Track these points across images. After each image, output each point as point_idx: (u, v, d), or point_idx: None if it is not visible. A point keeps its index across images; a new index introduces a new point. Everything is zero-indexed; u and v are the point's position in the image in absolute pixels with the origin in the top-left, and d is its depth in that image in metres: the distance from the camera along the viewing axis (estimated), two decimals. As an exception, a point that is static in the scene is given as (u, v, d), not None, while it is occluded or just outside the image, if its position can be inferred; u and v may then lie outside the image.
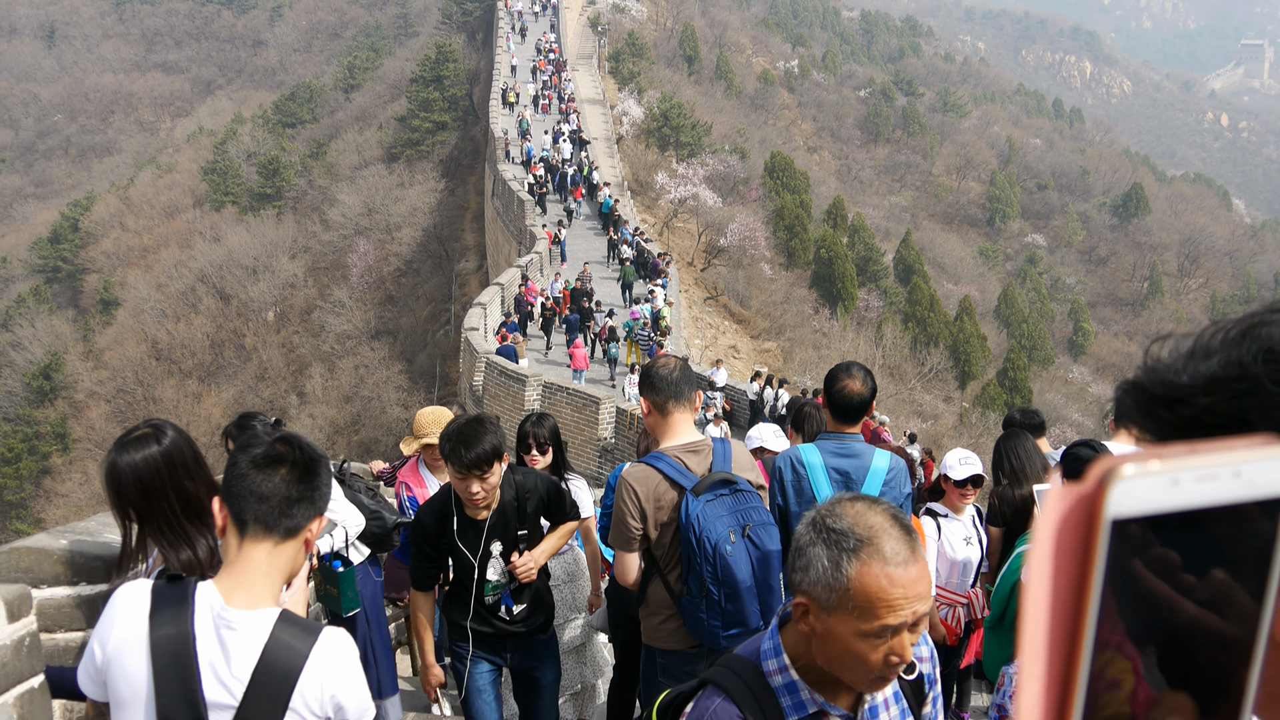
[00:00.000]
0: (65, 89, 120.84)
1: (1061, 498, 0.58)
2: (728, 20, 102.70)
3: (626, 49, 71.18)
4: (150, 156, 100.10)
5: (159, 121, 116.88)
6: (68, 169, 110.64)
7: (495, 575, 4.59)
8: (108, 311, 68.30)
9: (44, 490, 55.80)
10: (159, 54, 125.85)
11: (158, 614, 2.35)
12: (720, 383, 26.97)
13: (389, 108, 74.57)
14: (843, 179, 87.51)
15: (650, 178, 53.89)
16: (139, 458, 3.06)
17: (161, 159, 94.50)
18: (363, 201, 59.37)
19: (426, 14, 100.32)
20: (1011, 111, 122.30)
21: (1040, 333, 66.61)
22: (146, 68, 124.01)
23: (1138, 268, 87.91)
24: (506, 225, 42.95)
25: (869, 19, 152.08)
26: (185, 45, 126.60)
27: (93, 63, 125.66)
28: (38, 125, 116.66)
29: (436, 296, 52.72)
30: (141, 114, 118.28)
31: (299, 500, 2.38)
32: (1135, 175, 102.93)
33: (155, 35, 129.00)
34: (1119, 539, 0.57)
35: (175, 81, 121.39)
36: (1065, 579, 0.57)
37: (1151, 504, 0.57)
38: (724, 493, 4.00)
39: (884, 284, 62.48)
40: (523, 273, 33.28)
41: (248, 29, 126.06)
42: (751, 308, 47.75)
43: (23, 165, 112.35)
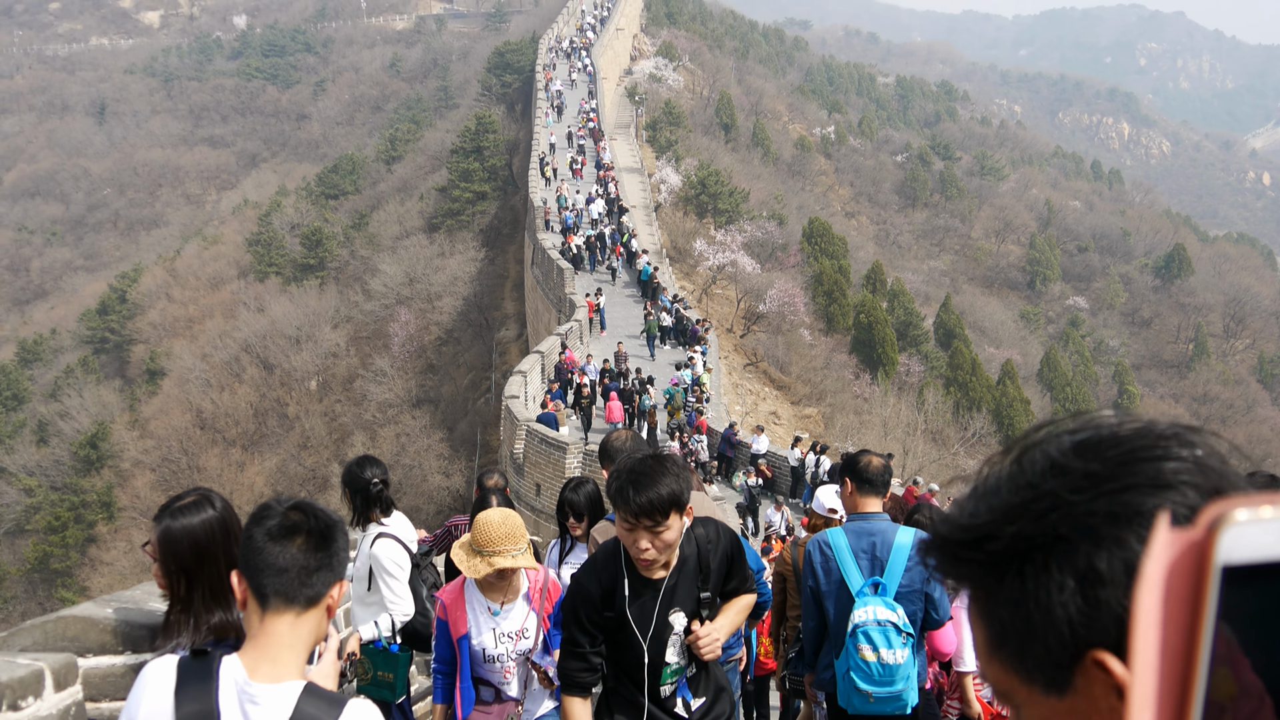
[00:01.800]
0: (115, 164, 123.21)
1: (1170, 544, 0.57)
2: (764, 88, 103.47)
3: (664, 117, 71.85)
4: (196, 229, 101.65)
5: (205, 194, 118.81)
6: (116, 242, 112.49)
7: (675, 657, 3.74)
8: (153, 381, 69.07)
9: (89, 559, 56.16)
10: (205, 129, 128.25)
11: (183, 690, 2.37)
12: (761, 449, 26.90)
13: (430, 178, 75.46)
14: (881, 244, 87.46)
15: (688, 245, 54.14)
16: (196, 522, 3.10)
17: (207, 231, 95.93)
18: (404, 271, 59.93)
19: (466, 87, 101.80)
20: (1050, 174, 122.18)
21: (1084, 396, 66.01)
22: (193, 142, 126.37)
23: (1182, 329, 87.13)
24: (546, 293, 43.24)
25: (904, 84, 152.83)
26: (231, 120, 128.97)
27: (141, 138, 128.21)
28: (88, 199, 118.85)
29: (477, 365, 53.02)
30: (188, 187, 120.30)
31: (318, 569, 2.37)
32: (1177, 236, 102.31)
33: (202, 110, 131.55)
34: (1230, 586, 0.55)
35: (221, 155, 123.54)
36: (1175, 628, 0.55)
37: (1264, 551, 0.55)
38: None
39: (925, 348, 62.17)
40: (562, 340, 33.44)
41: (292, 103, 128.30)
42: (792, 373, 47.68)
43: (73, 239, 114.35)
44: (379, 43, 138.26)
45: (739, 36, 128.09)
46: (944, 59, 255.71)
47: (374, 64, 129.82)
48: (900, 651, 4.77)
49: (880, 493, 5.14)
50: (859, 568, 4.91)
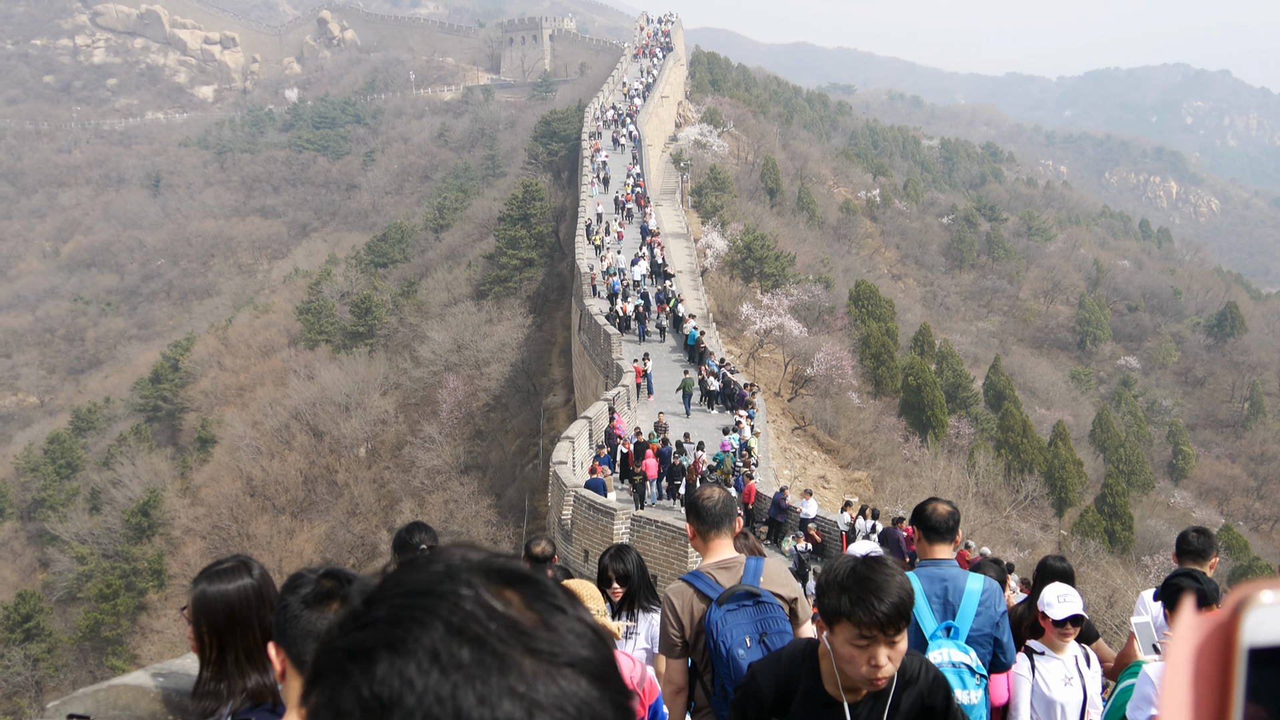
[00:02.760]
0: (169, 234, 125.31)
1: (1196, 626, 0.57)
2: (808, 152, 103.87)
3: (709, 183, 72.22)
4: (248, 298, 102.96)
5: (256, 264, 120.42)
6: (169, 311, 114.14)
7: None
8: (205, 449, 69.68)
9: (140, 626, 56.42)
10: (257, 199, 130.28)
11: None
12: (811, 514, 26.67)
13: (477, 246, 76.09)
14: (928, 306, 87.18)
15: (735, 309, 54.16)
16: (231, 588, 3.12)
17: (258, 300, 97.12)
18: (452, 338, 60.28)
19: (513, 155, 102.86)
20: (1098, 234, 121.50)
21: (1138, 457, 65.12)
22: (245, 213, 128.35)
23: (1237, 388, 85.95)
24: (593, 359, 43.32)
25: (949, 147, 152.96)
26: (282, 190, 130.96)
27: (195, 209, 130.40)
28: (142, 270, 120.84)
29: (525, 431, 53.09)
30: (240, 257, 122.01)
31: None
32: (1229, 294, 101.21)
33: (254, 182, 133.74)
34: (1257, 667, 0.55)
35: (272, 225, 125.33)
36: (1204, 709, 0.55)
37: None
38: (747, 604, 4.53)
39: (974, 410, 61.72)
40: (610, 406, 33.43)
41: (342, 174, 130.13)
42: (840, 437, 47.40)
43: (127, 308, 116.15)
44: (427, 113, 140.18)
45: (783, 102, 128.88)
46: (988, 121, 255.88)
47: (422, 134, 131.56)
48: (974, 692, 4.88)
49: (947, 539, 5.33)
50: (932, 612, 5.10)
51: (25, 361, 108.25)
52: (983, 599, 5.10)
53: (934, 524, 5.33)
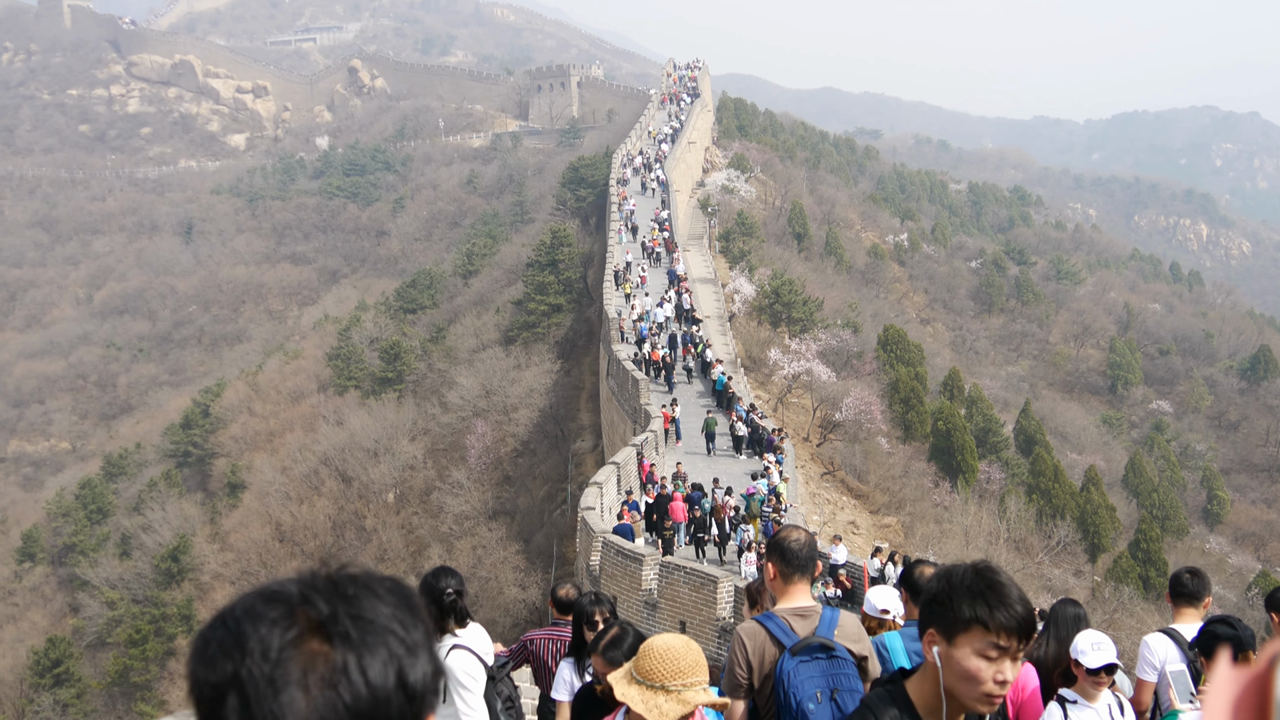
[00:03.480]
0: (200, 281, 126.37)
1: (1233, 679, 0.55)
2: (835, 197, 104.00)
3: (736, 228, 72.40)
4: (278, 344, 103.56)
5: (287, 310, 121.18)
6: (200, 357, 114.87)
7: None
8: (234, 494, 69.93)
9: (169, 672, 56.47)
10: (288, 246, 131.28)
11: None
12: (840, 560, 26.50)
13: (506, 292, 76.37)
14: (958, 350, 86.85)
15: (763, 354, 54.11)
16: None
17: (288, 346, 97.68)
18: (481, 384, 60.43)
19: (542, 201, 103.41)
20: (1128, 277, 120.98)
21: (1172, 502, 64.45)
22: (276, 259, 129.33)
23: (1271, 432, 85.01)
24: (621, 405, 43.31)
25: (977, 190, 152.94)
26: (313, 237, 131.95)
27: (226, 256, 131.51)
28: (174, 316, 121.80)
29: (553, 476, 53.02)
30: (270, 303, 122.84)
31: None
32: (1261, 337, 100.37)
33: (285, 229, 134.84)
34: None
35: (303, 272, 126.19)
36: None
37: None
38: (820, 656, 4.43)
39: (1005, 455, 61.28)
40: (638, 451, 33.39)
41: (371, 220, 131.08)
42: (870, 482, 47.14)
43: (159, 354, 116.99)
44: (456, 160, 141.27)
45: (810, 147, 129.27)
46: (1016, 164, 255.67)
47: (451, 181, 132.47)
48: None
49: None
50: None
51: (58, 407, 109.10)
52: None
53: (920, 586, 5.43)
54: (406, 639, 1.44)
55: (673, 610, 24.45)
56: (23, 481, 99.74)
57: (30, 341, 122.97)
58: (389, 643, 1.41)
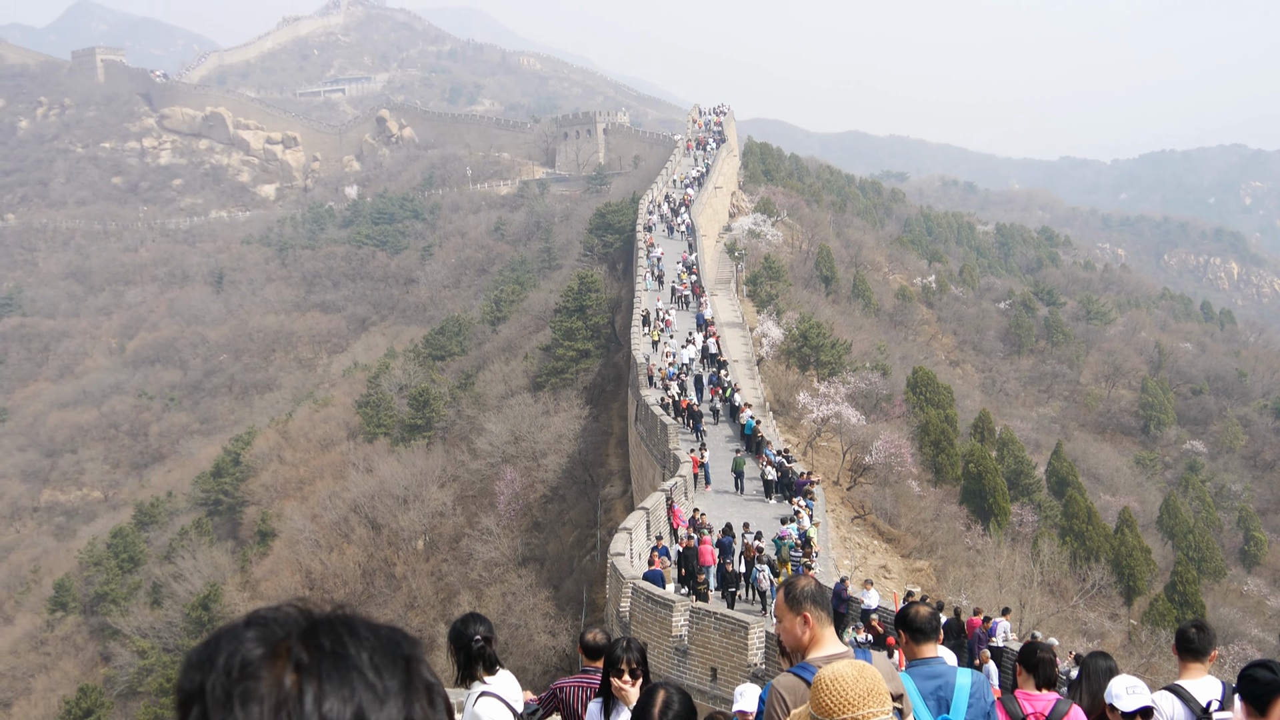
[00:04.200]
0: (231, 330, 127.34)
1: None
2: (862, 240, 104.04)
3: (764, 272, 72.43)
4: (308, 392, 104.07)
5: (316, 358, 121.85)
6: (231, 406, 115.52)
7: None
8: (264, 542, 70.05)
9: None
10: (317, 294, 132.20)
11: None
12: (873, 605, 26.28)
13: (534, 338, 76.58)
14: (988, 392, 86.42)
15: (792, 398, 53.98)
16: None
17: (318, 394, 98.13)
18: (509, 430, 60.47)
19: (569, 248, 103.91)
20: (1158, 316, 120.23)
21: (1208, 544, 63.65)
22: (306, 308, 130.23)
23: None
24: (650, 449, 43.23)
25: (1004, 232, 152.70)
26: (342, 285, 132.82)
27: (256, 305, 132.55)
28: (205, 365, 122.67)
29: (582, 522, 52.91)
30: (300, 351, 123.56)
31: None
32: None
33: (314, 277, 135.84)
34: None
35: (332, 320, 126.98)
36: None
37: None
38: None
39: (1037, 497, 60.80)
40: (667, 496, 33.28)
41: (400, 268, 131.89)
42: (901, 526, 46.82)
43: (190, 403, 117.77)
44: (484, 208, 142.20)
45: (836, 190, 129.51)
46: (1043, 205, 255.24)
47: (479, 228, 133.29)
48: None
49: (931, 639, 5.75)
50: (928, 709, 5.37)
51: (90, 456, 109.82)
52: (972, 692, 5.43)
53: (918, 625, 5.71)
54: (376, 684, 1.49)
55: (703, 656, 24.27)
56: (55, 531, 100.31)
57: (63, 391, 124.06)
58: (353, 682, 1.46)
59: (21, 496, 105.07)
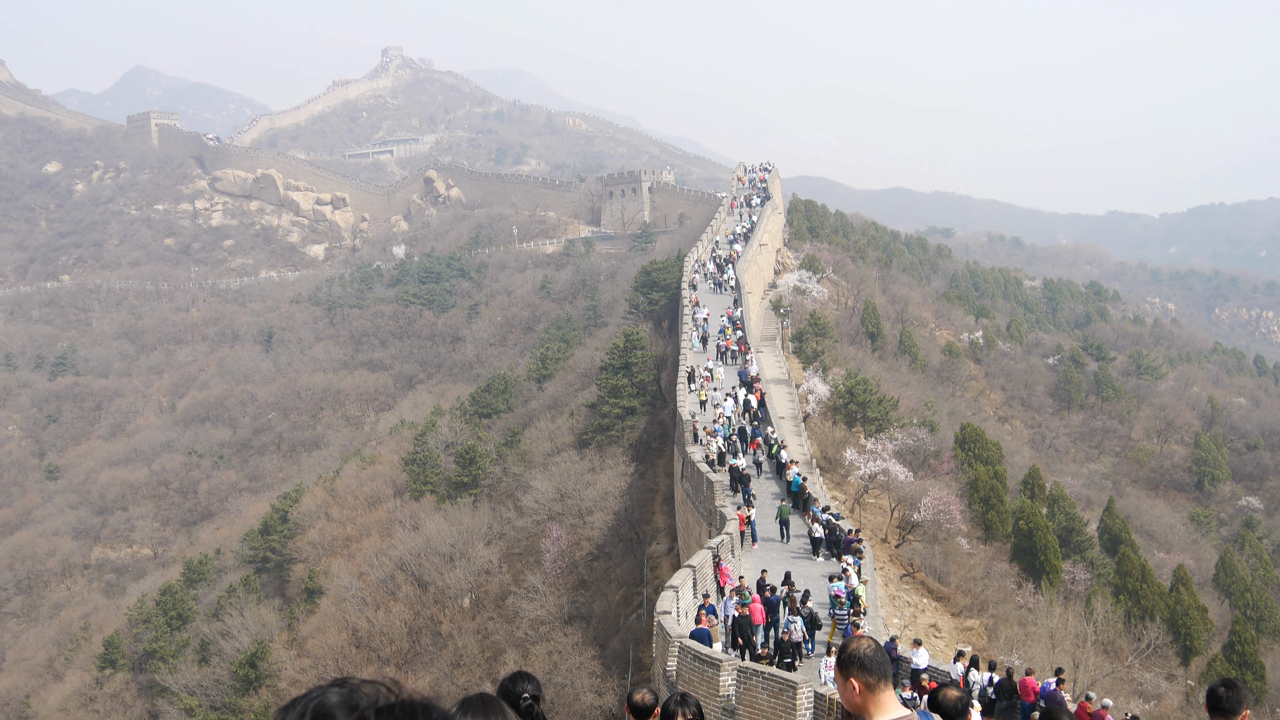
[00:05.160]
0: (279, 389, 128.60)
1: None
2: (909, 296, 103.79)
3: (809, 329, 72.31)
4: (355, 449, 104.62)
5: (364, 416, 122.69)
6: (279, 463, 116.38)
7: None
8: (311, 600, 70.18)
9: (246, 782, 56.31)
10: (365, 353, 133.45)
11: None
12: (923, 664, 25.89)
13: (580, 395, 76.73)
14: (1037, 448, 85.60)
15: (839, 454, 53.67)
16: None
17: (365, 451, 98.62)
18: (555, 487, 60.43)
19: (614, 305, 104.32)
20: (1210, 371, 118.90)
21: (1267, 602, 62.39)
22: (353, 366, 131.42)
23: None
24: (696, 507, 43.04)
25: (1052, 287, 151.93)
26: (389, 344, 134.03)
27: (305, 364, 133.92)
28: (254, 423, 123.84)
29: (628, 580, 52.64)
30: (348, 409, 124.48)
31: None
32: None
33: (362, 336, 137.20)
34: None
35: (379, 378, 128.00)
36: None
37: None
38: None
39: (1090, 555, 59.91)
40: (714, 554, 33.07)
41: (447, 326, 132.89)
42: (950, 584, 46.24)
43: (239, 461, 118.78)
44: (530, 266, 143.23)
45: (881, 246, 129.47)
46: (1091, 260, 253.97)
47: (525, 286, 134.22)
48: None
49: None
50: None
51: (140, 514, 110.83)
52: None
53: (947, 709, 6.02)
54: None
55: (751, 717, 23.98)
56: (105, 588, 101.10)
57: (115, 449, 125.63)
58: None
59: (73, 554, 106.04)
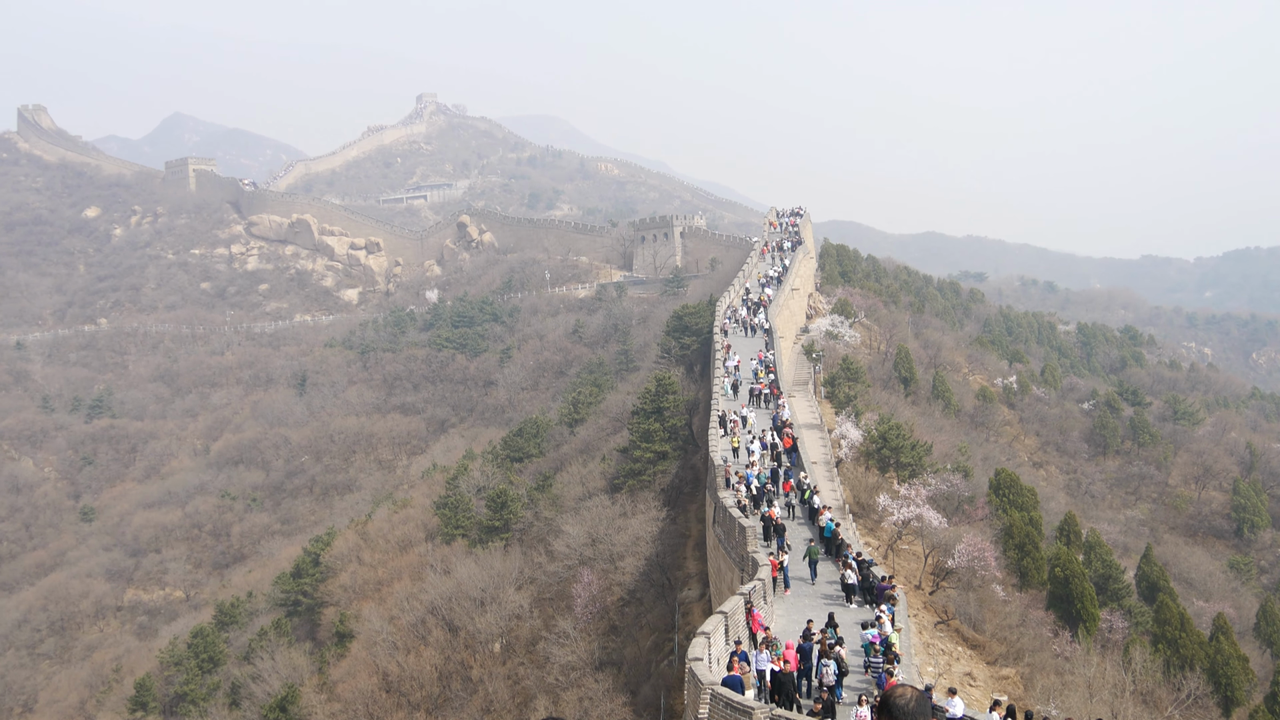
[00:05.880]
0: (313, 432, 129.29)
1: None
2: (941, 340, 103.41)
3: (842, 373, 72.07)
4: (387, 493, 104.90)
5: (396, 460, 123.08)
6: (312, 506, 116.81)
7: None
8: (343, 644, 70.14)
9: (275, 828, 56.07)
10: (398, 397, 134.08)
11: None
12: (957, 713, 25.56)
13: (611, 440, 76.68)
14: (1073, 494, 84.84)
15: (872, 500, 53.31)
16: None
17: (397, 495, 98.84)
18: (587, 532, 60.28)
19: (646, 350, 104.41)
20: (1248, 416, 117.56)
21: (1309, 652, 61.40)
22: (386, 410, 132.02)
23: None
24: (728, 552, 42.80)
25: (1086, 331, 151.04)
26: (422, 388, 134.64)
27: (338, 407, 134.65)
28: (287, 466, 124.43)
29: (660, 626, 52.34)
30: (380, 453, 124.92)
31: None
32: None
33: (395, 380, 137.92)
34: None
35: (412, 422, 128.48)
36: None
37: None
38: None
39: (1127, 603, 59.15)
40: (746, 600, 32.83)
41: (479, 370, 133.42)
42: (986, 632, 45.71)
43: (271, 504, 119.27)
44: (562, 310, 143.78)
45: (914, 291, 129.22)
46: (1125, 304, 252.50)
47: (557, 331, 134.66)
48: None
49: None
50: None
51: (173, 556, 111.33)
52: None
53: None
54: None
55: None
56: (138, 630, 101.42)
57: (149, 492, 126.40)
58: None
59: (106, 595, 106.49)
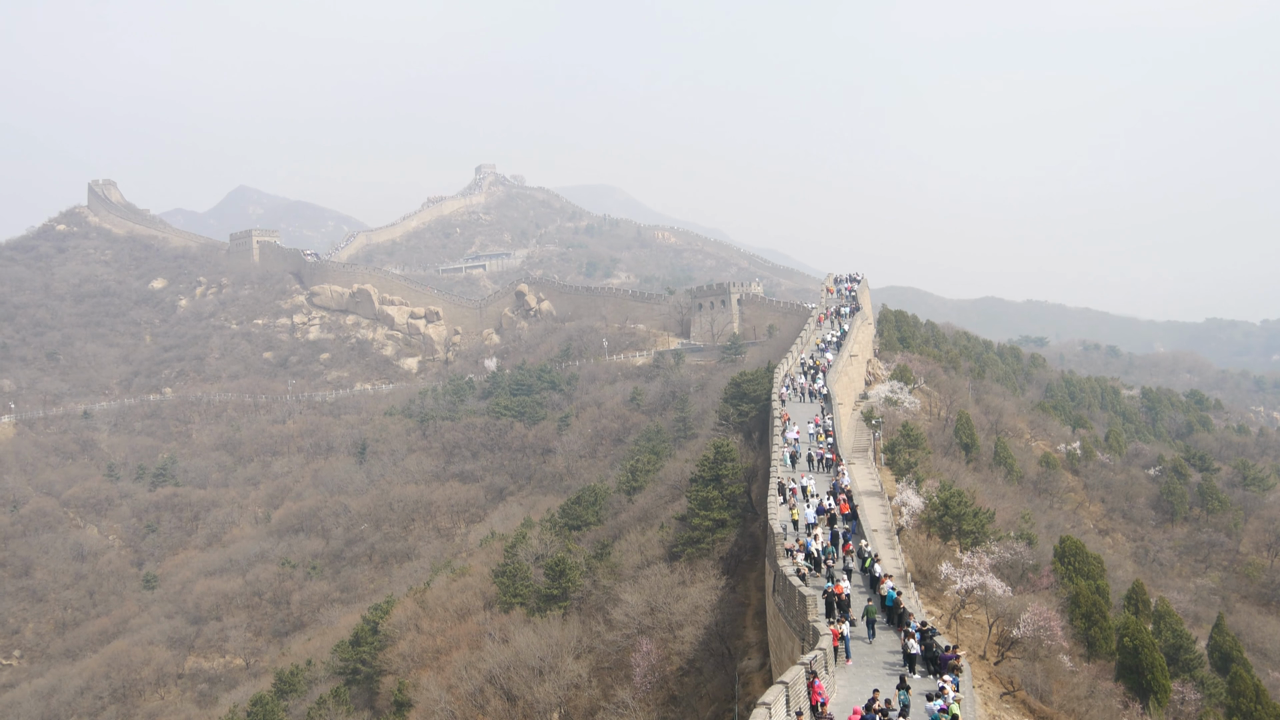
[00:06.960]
0: (372, 500, 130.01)
1: None
2: (1003, 406, 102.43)
3: (902, 440, 71.52)
4: (446, 561, 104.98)
5: (455, 527, 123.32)
6: (370, 574, 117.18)
7: None
8: (400, 713, 69.90)
9: None
10: (457, 465, 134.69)
11: None
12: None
13: (670, 507, 76.39)
14: (1140, 561, 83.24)
15: (934, 568, 52.61)
16: None
17: (456, 563, 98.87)
18: (645, 600, 59.89)
19: (704, 417, 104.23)
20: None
21: (1389, 727, 59.43)
22: (445, 478, 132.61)
23: None
24: (788, 621, 42.32)
25: (1150, 396, 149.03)
26: (480, 456, 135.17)
27: (398, 475, 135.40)
28: (346, 534, 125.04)
29: (720, 696, 51.73)
30: (439, 521, 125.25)
31: None
32: None
33: (454, 448, 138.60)
34: None
35: (470, 490, 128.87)
36: None
37: None
38: None
39: (1199, 674, 57.72)
40: (808, 670, 32.39)
41: (537, 438, 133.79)
42: (1053, 703, 44.74)
43: (331, 572, 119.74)
44: (620, 378, 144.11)
45: (974, 356, 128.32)
46: (1190, 368, 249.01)
47: (615, 398, 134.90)
48: None
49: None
50: None
51: (234, 624, 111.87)
52: None
53: None
54: None
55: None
56: (198, 698, 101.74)
57: (210, 559, 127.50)
58: None
59: (167, 663, 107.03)
